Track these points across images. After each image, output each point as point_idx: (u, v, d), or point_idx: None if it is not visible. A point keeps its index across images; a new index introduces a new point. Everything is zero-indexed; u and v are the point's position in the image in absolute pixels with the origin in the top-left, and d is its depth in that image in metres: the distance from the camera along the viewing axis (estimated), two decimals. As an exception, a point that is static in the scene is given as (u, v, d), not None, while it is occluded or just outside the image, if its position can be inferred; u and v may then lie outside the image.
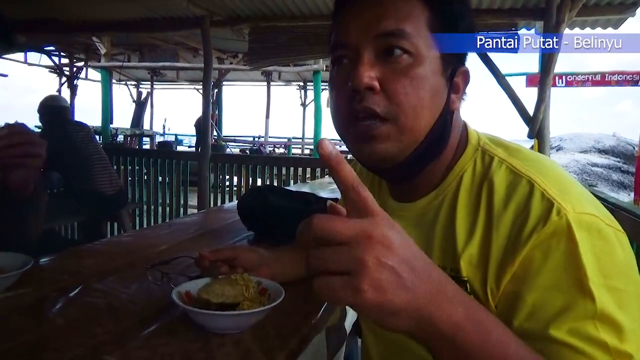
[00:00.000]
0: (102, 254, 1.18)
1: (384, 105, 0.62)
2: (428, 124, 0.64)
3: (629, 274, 0.54)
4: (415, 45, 0.63)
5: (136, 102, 12.87)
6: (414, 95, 0.62)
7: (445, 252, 0.65)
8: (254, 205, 1.38)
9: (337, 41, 0.67)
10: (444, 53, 0.65)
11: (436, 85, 0.65)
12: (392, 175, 0.73)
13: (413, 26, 0.63)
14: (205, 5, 4.06)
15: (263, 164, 4.54)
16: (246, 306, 0.74)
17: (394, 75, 0.62)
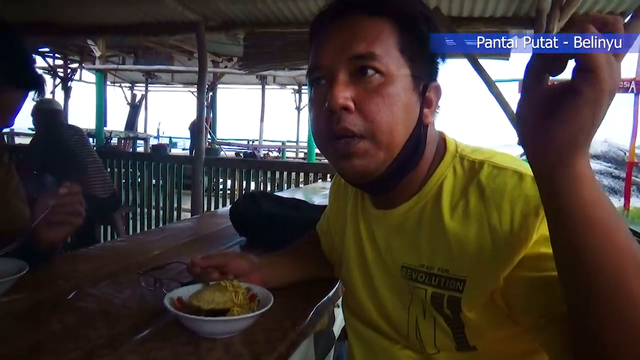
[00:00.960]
0: (96, 259, 1.20)
1: (360, 124, 0.66)
2: (403, 138, 0.69)
3: None
4: (385, 66, 0.67)
5: (130, 104, 12.85)
6: (387, 113, 0.66)
7: (432, 252, 0.69)
8: (246, 212, 1.40)
9: (313, 63, 0.71)
10: (414, 71, 0.69)
11: (408, 102, 0.68)
12: (372, 188, 0.77)
13: (383, 48, 0.67)
14: (201, 10, 4.09)
15: (257, 168, 4.56)
16: (236, 312, 0.77)
17: (367, 94, 0.66)
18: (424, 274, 0.70)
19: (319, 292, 1.00)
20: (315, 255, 1.06)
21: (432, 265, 0.69)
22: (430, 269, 0.69)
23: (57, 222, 0.97)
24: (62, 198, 0.96)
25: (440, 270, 0.68)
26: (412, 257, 0.72)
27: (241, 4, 3.90)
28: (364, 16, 0.69)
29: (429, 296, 0.69)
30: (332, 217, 1.00)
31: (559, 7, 3.00)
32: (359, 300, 0.85)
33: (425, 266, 0.70)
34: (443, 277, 0.68)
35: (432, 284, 0.69)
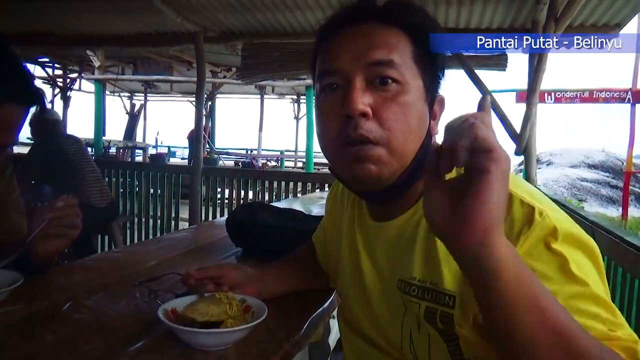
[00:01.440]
0: (91, 270, 1.20)
1: (377, 130, 0.67)
2: (415, 148, 0.69)
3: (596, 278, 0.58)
4: (403, 75, 0.68)
5: (129, 114, 12.89)
6: (403, 121, 0.67)
7: (425, 266, 0.69)
8: (242, 222, 1.41)
9: (326, 68, 0.71)
10: (426, 82, 0.71)
11: (421, 112, 0.70)
12: (379, 197, 0.76)
13: (400, 57, 0.68)
14: (199, 21, 4.13)
15: (254, 178, 4.57)
16: (230, 324, 0.77)
17: (385, 103, 0.67)
18: (417, 288, 0.70)
19: (314, 303, 1.01)
20: (310, 266, 1.06)
21: (425, 279, 0.69)
22: (424, 282, 0.69)
23: (53, 235, 0.98)
24: (58, 211, 0.97)
25: (432, 284, 0.67)
26: (407, 271, 0.72)
27: (240, 14, 3.94)
28: (380, 25, 0.70)
29: (423, 310, 0.69)
30: (328, 227, 1.00)
31: (553, 19, 3.03)
32: (353, 312, 0.85)
33: (418, 280, 0.70)
34: (435, 291, 0.67)
35: (425, 298, 0.69)
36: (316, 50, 0.76)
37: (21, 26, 4.64)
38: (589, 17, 3.51)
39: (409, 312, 0.72)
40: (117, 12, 4.03)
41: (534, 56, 3.40)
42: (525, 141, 3.55)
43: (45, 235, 0.96)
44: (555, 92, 9.31)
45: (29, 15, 4.33)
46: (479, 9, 3.54)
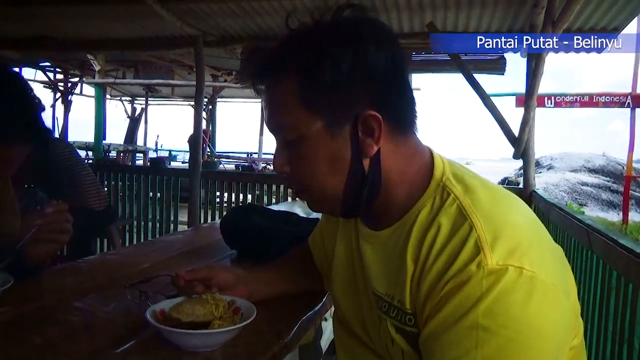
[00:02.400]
0: (83, 272, 1.20)
1: (298, 183, 0.74)
2: (339, 185, 0.70)
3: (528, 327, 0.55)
4: (296, 130, 0.68)
5: (130, 117, 12.91)
6: (311, 173, 0.70)
7: (395, 284, 0.68)
8: (235, 225, 1.41)
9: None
10: (327, 120, 0.67)
11: (331, 151, 0.68)
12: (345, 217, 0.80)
13: (288, 112, 0.68)
14: (199, 25, 4.14)
15: (253, 181, 4.57)
16: (217, 325, 0.77)
17: (293, 159, 0.72)
18: (387, 304, 0.70)
19: (305, 306, 1.00)
20: (304, 269, 1.06)
21: (393, 296, 0.68)
22: (392, 299, 0.69)
23: (44, 240, 0.99)
24: (48, 217, 0.98)
25: (399, 303, 0.67)
26: (382, 285, 0.72)
27: (239, 19, 3.95)
28: (270, 80, 0.71)
29: (392, 327, 0.69)
30: (325, 228, 1.00)
31: (550, 22, 3.04)
32: (345, 313, 0.85)
33: (389, 296, 0.70)
34: (400, 310, 0.67)
35: (391, 316, 0.69)
36: None
37: (22, 30, 4.66)
38: (586, 22, 3.52)
39: (382, 325, 0.72)
40: (117, 16, 4.05)
41: (531, 60, 3.40)
42: (523, 145, 3.55)
43: (35, 240, 0.97)
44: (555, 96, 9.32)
45: (30, 19, 4.35)
46: (476, 12, 3.55)
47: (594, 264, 1.71)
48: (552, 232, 2.76)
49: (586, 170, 13.50)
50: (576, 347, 0.68)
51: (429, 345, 0.61)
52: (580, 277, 1.93)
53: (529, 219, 0.66)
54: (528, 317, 0.55)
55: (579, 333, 0.70)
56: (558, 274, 0.61)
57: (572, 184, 12.47)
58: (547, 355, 0.56)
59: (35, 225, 0.96)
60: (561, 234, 2.43)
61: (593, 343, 1.69)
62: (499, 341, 0.54)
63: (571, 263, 2.12)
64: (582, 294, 1.87)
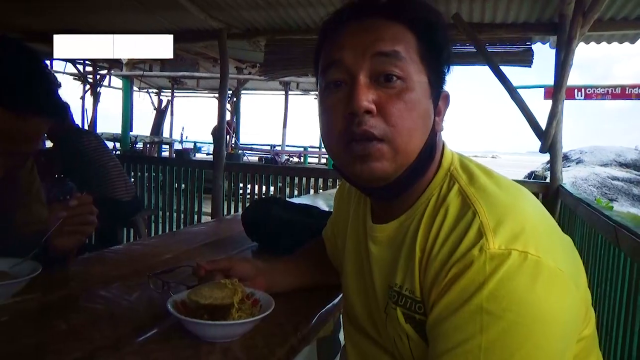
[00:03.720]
0: (109, 261, 1.23)
1: (381, 127, 0.66)
2: (419, 144, 0.68)
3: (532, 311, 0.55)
4: (407, 71, 0.67)
5: (157, 109, 13.11)
6: (408, 118, 0.66)
7: (406, 273, 0.68)
8: (256, 217, 1.42)
9: (331, 60, 0.70)
10: (430, 78, 0.69)
11: (426, 108, 0.69)
12: (382, 193, 0.75)
13: (406, 51, 0.67)
14: (223, 18, 4.17)
15: (276, 173, 4.60)
16: (236, 316, 0.78)
17: (390, 99, 0.66)
18: (396, 294, 0.70)
19: (323, 298, 1.01)
20: (321, 262, 1.06)
21: (403, 285, 0.69)
22: (401, 289, 0.69)
23: (69, 232, 1.01)
24: (73, 209, 1.00)
25: (408, 291, 0.67)
26: (393, 276, 0.72)
27: (263, 11, 3.96)
28: (384, 20, 0.69)
29: (401, 317, 0.69)
30: (336, 223, 1.01)
31: (582, 12, 2.94)
32: (355, 308, 0.85)
33: (398, 286, 0.70)
34: (410, 298, 0.67)
35: (399, 304, 0.69)
36: (319, 46, 0.75)
37: (51, 24, 4.77)
38: (619, 11, 3.40)
39: (390, 320, 0.72)
40: (142, 9, 4.10)
41: (560, 51, 3.31)
42: (550, 139, 3.47)
43: (61, 231, 1.00)
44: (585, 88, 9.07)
45: (57, 13, 4.45)
46: (504, 3, 3.47)
47: (622, 262, 1.67)
48: (578, 227, 2.69)
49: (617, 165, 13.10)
50: (587, 337, 0.67)
51: (434, 330, 0.61)
52: (607, 275, 1.88)
53: (534, 206, 0.66)
54: (533, 300, 0.55)
55: (590, 324, 0.69)
56: (566, 261, 0.60)
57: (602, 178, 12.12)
58: (553, 340, 0.56)
59: (60, 217, 0.98)
60: (588, 229, 2.37)
61: (619, 340, 1.66)
62: (503, 325, 0.54)
63: (598, 259, 2.07)
64: (609, 292, 1.83)
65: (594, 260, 2.14)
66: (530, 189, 0.75)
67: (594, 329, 0.71)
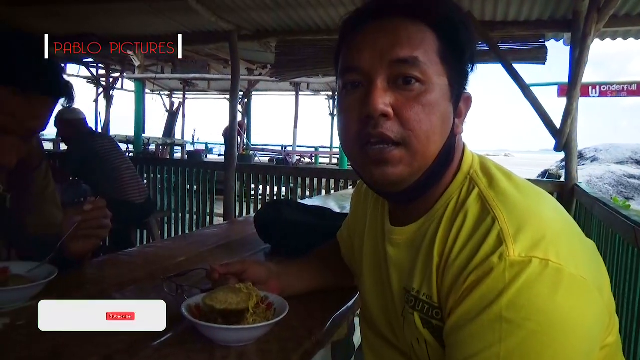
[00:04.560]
0: (123, 264, 1.24)
1: (397, 131, 0.65)
2: (437, 148, 0.67)
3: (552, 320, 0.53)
4: (426, 74, 0.65)
5: (169, 111, 13.21)
6: (426, 122, 0.65)
7: (423, 277, 0.67)
8: (269, 220, 1.42)
9: (349, 65, 0.69)
10: (451, 80, 0.68)
11: (445, 111, 0.67)
12: (397, 198, 0.74)
13: (425, 55, 0.66)
14: (234, 20, 4.18)
15: (287, 174, 4.60)
16: (251, 320, 0.78)
17: (407, 102, 0.65)
18: (414, 299, 0.69)
19: (338, 302, 1.00)
20: (335, 264, 1.06)
21: (420, 290, 0.68)
22: (419, 293, 0.68)
23: (84, 236, 1.02)
24: (87, 213, 1.01)
25: (426, 297, 0.67)
26: (410, 280, 0.71)
27: (273, 12, 3.96)
28: (405, 19, 0.67)
29: (419, 321, 0.68)
30: (352, 225, 1.00)
31: (596, 9, 2.90)
32: (372, 312, 0.85)
33: (416, 290, 0.69)
34: (427, 303, 0.66)
35: (417, 309, 0.68)
36: (339, 46, 0.74)
37: (64, 28, 4.82)
38: (635, 7, 3.34)
39: (407, 324, 0.71)
40: (153, 12, 4.13)
41: (575, 48, 3.26)
42: (565, 137, 3.42)
43: (76, 236, 1.01)
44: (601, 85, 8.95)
45: (71, 17, 4.50)
46: (517, 0, 3.43)
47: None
48: (595, 227, 2.65)
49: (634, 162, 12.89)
50: (611, 345, 0.66)
51: (452, 337, 0.60)
52: (625, 276, 1.85)
53: (556, 211, 0.64)
54: (553, 309, 0.53)
55: (614, 331, 0.67)
56: (589, 268, 0.59)
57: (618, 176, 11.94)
58: (574, 350, 0.54)
59: (75, 222, 0.99)
60: (605, 230, 2.33)
61: (639, 344, 1.63)
62: (523, 334, 0.53)
63: (616, 261, 2.04)
64: (628, 293, 1.80)
65: (612, 261, 2.10)
66: (545, 188, 0.74)
67: (618, 336, 0.69)
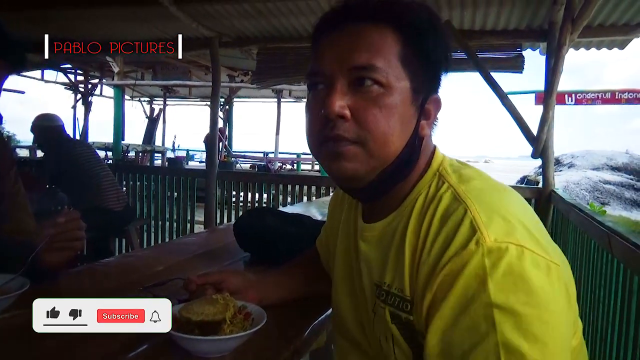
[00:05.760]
0: (100, 274, 1.22)
1: (354, 131, 0.67)
2: (396, 149, 0.69)
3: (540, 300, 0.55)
4: (386, 77, 0.67)
5: (149, 118, 13.07)
6: (383, 123, 0.66)
7: (395, 272, 0.68)
8: (248, 228, 1.41)
9: (313, 68, 0.72)
10: (414, 83, 0.69)
11: (405, 114, 0.69)
12: (360, 195, 0.77)
13: (384, 59, 0.67)
14: (214, 27, 4.16)
15: (269, 182, 4.58)
16: (227, 330, 0.77)
17: (365, 104, 0.66)
18: (385, 293, 0.69)
19: (316, 310, 1.00)
20: (314, 272, 1.05)
21: (392, 284, 0.68)
22: (390, 287, 0.69)
23: (58, 248, 1.01)
24: (60, 226, 0.99)
25: (398, 290, 0.67)
26: (382, 275, 0.71)
27: (254, 20, 3.96)
28: (367, 24, 0.68)
29: (388, 316, 0.68)
30: (329, 230, 1.00)
31: (570, 19, 2.97)
32: (342, 313, 0.84)
33: (387, 284, 0.69)
34: (398, 297, 0.67)
35: (388, 303, 0.68)
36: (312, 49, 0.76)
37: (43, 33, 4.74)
38: (608, 18, 3.43)
39: (377, 319, 0.72)
40: (134, 18, 4.09)
41: (550, 58, 3.33)
42: (542, 144, 3.48)
43: (50, 248, 0.99)
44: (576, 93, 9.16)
45: (48, 22, 4.43)
46: (494, 10, 3.50)
47: (615, 268, 1.67)
48: (571, 233, 2.70)
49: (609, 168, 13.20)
50: (575, 348, 0.67)
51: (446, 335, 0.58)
52: (600, 281, 1.88)
53: (526, 209, 0.66)
54: (541, 288, 0.55)
55: (577, 333, 0.69)
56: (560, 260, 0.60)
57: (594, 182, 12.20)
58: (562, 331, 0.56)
59: (47, 235, 0.98)
60: (581, 235, 2.38)
61: (614, 348, 1.66)
62: (517, 317, 0.53)
63: (591, 266, 2.08)
64: (603, 298, 1.83)
65: (587, 266, 2.14)
66: (523, 194, 0.76)
67: (582, 340, 0.71)
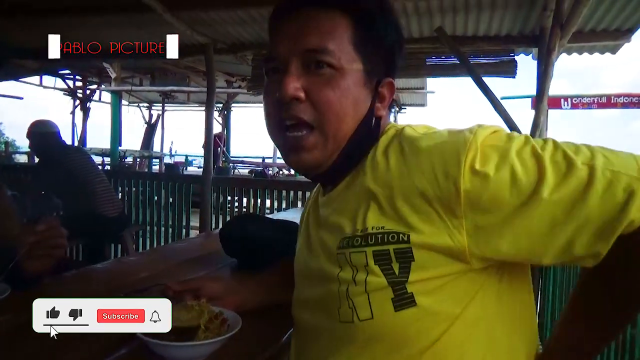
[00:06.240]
0: (83, 281, 1.23)
1: (310, 112, 0.69)
2: (350, 129, 0.71)
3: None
4: (338, 60, 0.69)
5: (147, 123, 13.09)
6: (336, 104, 0.69)
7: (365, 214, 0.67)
8: (234, 234, 1.42)
9: (268, 54, 0.74)
10: (367, 66, 0.71)
11: (358, 96, 0.71)
12: (323, 179, 0.79)
13: (335, 43, 0.70)
14: (209, 33, 4.19)
15: (264, 187, 4.59)
16: (202, 337, 0.78)
17: (318, 86, 0.69)
18: (360, 238, 0.67)
19: (295, 316, 1.01)
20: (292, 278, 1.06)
21: (366, 227, 0.66)
22: (365, 230, 0.66)
23: (39, 255, 1.03)
24: (41, 234, 1.01)
25: (375, 229, 0.65)
26: (354, 224, 0.69)
27: (249, 26, 3.99)
28: (319, 9, 0.71)
29: (371, 256, 0.65)
30: None
31: (559, 25, 3.00)
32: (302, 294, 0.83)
33: (360, 230, 0.67)
34: (380, 233, 0.64)
35: (370, 243, 0.65)
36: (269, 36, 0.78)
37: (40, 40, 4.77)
38: (599, 23, 3.46)
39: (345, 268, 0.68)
40: (129, 24, 4.12)
41: (541, 63, 3.36)
42: (534, 148, 3.50)
43: (30, 256, 1.01)
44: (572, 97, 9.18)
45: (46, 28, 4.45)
46: (486, 16, 3.53)
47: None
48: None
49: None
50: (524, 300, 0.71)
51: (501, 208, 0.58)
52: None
53: None
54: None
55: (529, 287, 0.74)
56: None
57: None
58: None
59: (27, 242, 0.99)
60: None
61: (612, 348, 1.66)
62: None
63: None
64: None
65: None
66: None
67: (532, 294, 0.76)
